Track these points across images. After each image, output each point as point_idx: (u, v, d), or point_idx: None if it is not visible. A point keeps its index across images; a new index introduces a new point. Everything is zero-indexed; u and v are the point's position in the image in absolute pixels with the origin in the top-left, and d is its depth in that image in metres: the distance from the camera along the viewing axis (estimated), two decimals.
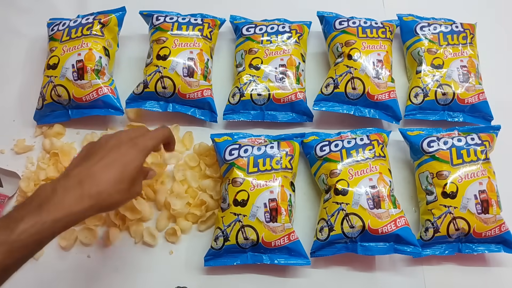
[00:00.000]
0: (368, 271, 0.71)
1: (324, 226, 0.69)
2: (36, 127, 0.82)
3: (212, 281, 0.70)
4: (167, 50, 0.80)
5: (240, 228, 0.68)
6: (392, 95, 0.80)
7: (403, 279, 0.71)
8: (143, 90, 0.80)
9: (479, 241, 0.70)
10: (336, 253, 0.69)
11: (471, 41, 0.85)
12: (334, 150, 0.73)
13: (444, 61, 0.82)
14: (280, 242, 0.68)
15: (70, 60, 0.78)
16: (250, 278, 0.70)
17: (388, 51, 0.83)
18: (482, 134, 0.75)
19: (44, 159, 0.78)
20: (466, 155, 0.72)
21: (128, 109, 0.82)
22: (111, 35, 0.84)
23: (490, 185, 0.70)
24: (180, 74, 0.79)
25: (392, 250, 0.68)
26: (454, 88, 0.80)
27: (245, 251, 0.69)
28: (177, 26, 0.83)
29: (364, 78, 0.79)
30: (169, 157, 0.77)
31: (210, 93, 0.81)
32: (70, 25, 0.83)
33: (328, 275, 0.71)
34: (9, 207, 0.75)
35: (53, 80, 0.78)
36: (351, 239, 0.68)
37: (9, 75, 0.88)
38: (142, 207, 0.73)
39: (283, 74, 0.80)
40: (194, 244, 0.73)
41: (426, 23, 0.86)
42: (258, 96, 0.79)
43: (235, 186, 0.70)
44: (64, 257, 0.71)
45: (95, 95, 0.78)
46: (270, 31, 0.84)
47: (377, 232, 0.67)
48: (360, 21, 0.85)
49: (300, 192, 0.76)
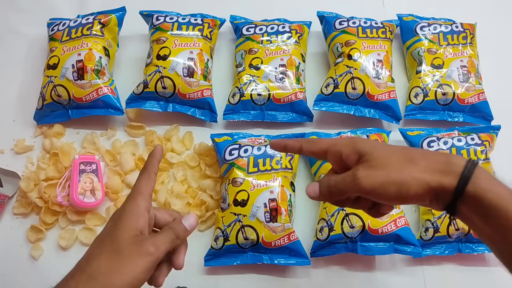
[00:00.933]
0: (368, 271, 0.71)
1: (324, 226, 0.69)
2: (36, 127, 0.82)
3: (212, 281, 0.70)
4: (167, 50, 0.80)
5: (240, 228, 0.68)
6: (392, 95, 0.80)
7: (403, 279, 0.71)
8: (143, 90, 0.80)
9: (479, 241, 0.70)
10: (336, 253, 0.69)
11: (471, 41, 0.85)
12: None
13: (444, 61, 0.82)
14: (280, 242, 0.68)
15: (70, 60, 0.78)
16: (250, 278, 0.70)
17: (388, 51, 0.83)
18: (482, 134, 0.75)
19: (44, 159, 0.78)
20: (466, 155, 0.72)
21: (128, 109, 0.82)
22: (111, 35, 0.84)
23: None
24: (180, 74, 0.79)
25: (392, 250, 0.68)
26: (454, 88, 0.80)
27: (245, 251, 0.69)
28: (177, 26, 0.83)
29: (364, 78, 0.79)
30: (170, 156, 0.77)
31: (210, 93, 0.81)
32: (70, 25, 0.83)
33: (328, 275, 0.71)
34: (9, 207, 0.75)
35: (53, 80, 0.78)
36: (351, 239, 0.68)
37: (9, 75, 0.88)
38: None
39: (283, 74, 0.80)
40: (194, 244, 0.73)
41: (426, 23, 0.86)
42: (258, 96, 0.79)
43: (235, 186, 0.70)
44: (64, 257, 0.71)
45: (95, 95, 0.78)
46: (270, 31, 0.84)
47: (377, 232, 0.67)
48: (360, 21, 0.85)
49: (300, 192, 0.76)
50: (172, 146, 0.79)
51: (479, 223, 0.41)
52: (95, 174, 0.74)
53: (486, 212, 0.40)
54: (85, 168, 0.74)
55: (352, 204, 0.49)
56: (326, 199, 0.48)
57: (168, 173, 0.78)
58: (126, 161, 0.77)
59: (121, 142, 0.80)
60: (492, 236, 0.40)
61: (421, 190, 0.42)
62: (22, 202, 0.75)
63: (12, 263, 0.71)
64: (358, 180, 0.43)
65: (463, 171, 0.41)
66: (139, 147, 0.80)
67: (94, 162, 0.75)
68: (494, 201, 0.39)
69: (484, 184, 0.40)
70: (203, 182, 0.76)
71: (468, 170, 0.41)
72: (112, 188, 0.75)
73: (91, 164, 0.74)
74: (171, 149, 0.79)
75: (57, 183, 0.73)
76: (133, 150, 0.80)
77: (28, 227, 0.73)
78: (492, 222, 0.40)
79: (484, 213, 0.40)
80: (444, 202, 0.42)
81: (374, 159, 0.44)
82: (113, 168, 0.77)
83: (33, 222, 0.73)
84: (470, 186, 0.40)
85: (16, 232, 0.73)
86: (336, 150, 0.47)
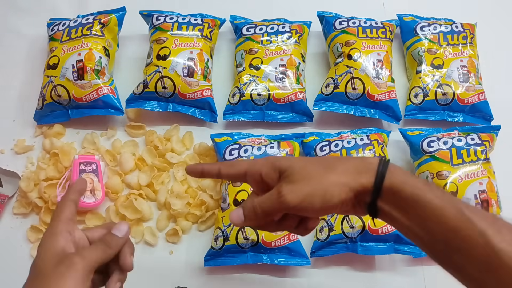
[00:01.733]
0: (368, 271, 0.71)
1: (324, 226, 0.69)
2: (36, 127, 0.82)
3: (212, 281, 0.70)
4: (167, 50, 0.80)
5: (240, 228, 0.68)
6: (392, 95, 0.80)
7: (403, 279, 0.71)
8: (143, 90, 0.80)
9: None
10: (336, 253, 0.69)
11: (471, 41, 0.85)
12: (334, 150, 0.73)
13: (444, 61, 0.82)
14: (280, 242, 0.68)
15: (70, 60, 0.78)
16: (250, 278, 0.70)
17: (388, 51, 0.83)
18: (482, 134, 0.75)
19: (44, 159, 0.78)
20: (466, 155, 0.72)
21: (128, 109, 0.82)
22: (111, 35, 0.84)
23: (490, 185, 0.70)
24: (180, 74, 0.79)
25: (392, 250, 0.68)
26: (454, 88, 0.80)
27: (245, 251, 0.69)
28: (177, 26, 0.83)
29: (364, 78, 0.79)
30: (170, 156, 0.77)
31: (210, 93, 0.81)
32: (70, 25, 0.83)
33: (328, 275, 0.71)
34: (9, 207, 0.75)
35: (53, 80, 0.78)
36: (351, 239, 0.68)
37: (9, 75, 0.88)
38: (142, 207, 0.73)
39: (283, 74, 0.80)
40: (194, 244, 0.73)
41: (426, 23, 0.86)
42: (258, 96, 0.79)
43: (235, 186, 0.70)
44: None
45: (95, 95, 0.78)
46: (270, 31, 0.84)
47: (377, 232, 0.67)
48: (360, 21, 0.85)
49: None
50: (172, 146, 0.79)
51: (400, 218, 0.42)
52: (95, 174, 0.74)
53: (404, 204, 0.41)
54: (85, 168, 0.74)
55: (277, 226, 0.48)
56: (251, 223, 0.47)
57: (168, 173, 0.78)
58: (126, 161, 0.77)
59: (121, 142, 0.80)
60: (413, 229, 0.41)
61: (343, 194, 0.42)
62: (22, 202, 0.75)
63: (12, 263, 0.71)
64: (283, 197, 0.43)
65: (378, 168, 0.42)
66: (139, 147, 0.80)
67: (94, 162, 0.75)
68: (410, 192, 0.40)
69: (399, 177, 0.41)
70: (203, 182, 0.76)
71: (383, 166, 0.42)
72: (112, 188, 0.75)
73: (91, 164, 0.74)
74: (171, 149, 0.79)
75: (57, 183, 0.73)
76: (133, 150, 0.80)
77: (28, 227, 0.73)
78: (411, 214, 0.41)
79: (402, 206, 0.41)
80: (365, 203, 0.43)
81: (295, 174, 0.44)
82: (113, 168, 0.77)
83: (33, 222, 0.73)
84: (386, 180, 0.41)
85: (16, 232, 0.73)
86: (255, 171, 0.47)
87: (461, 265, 0.39)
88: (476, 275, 0.38)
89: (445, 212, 0.39)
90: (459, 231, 0.38)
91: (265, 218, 0.46)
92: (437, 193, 0.40)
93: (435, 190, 0.40)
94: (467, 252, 0.38)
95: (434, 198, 0.40)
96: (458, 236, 0.38)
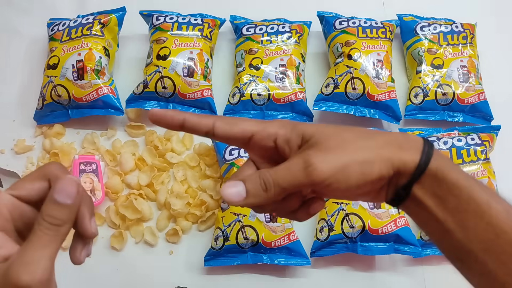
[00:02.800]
0: (368, 271, 0.71)
1: (324, 226, 0.69)
2: (36, 127, 0.82)
3: (212, 281, 0.70)
4: (167, 50, 0.80)
5: (240, 228, 0.68)
6: (392, 95, 0.80)
7: (403, 279, 0.71)
8: (143, 90, 0.80)
9: None
10: (336, 253, 0.69)
11: (471, 41, 0.85)
12: None
13: (444, 61, 0.82)
14: (280, 242, 0.68)
15: (70, 60, 0.78)
16: (250, 278, 0.70)
17: (388, 51, 0.83)
18: (482, 134, 0.75)
19: (44, 159, 0.78)
20: (466, 155, 0.72)
21: (128, 109, 0.82)
22: (111, 35, 0.84)
23: (490, 185, 0.70)
24: (180, 74, 0.79)
25: (392, 250, 0.68)
26: (454, 88, 0.80)
27: (245, 251, 0.69)
28: (177, 26, 0.83)
29: (364, 78, 0.79)
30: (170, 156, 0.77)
31: (210, 93, 0.81)
32: (70, 25, 0.83)
33: (328, 275, 0.71)
34: None
35: (53, 80, 0.78)
36: (351, 239, 0.68)
37: (9, 75, 0.88)
38: (142, 207, 0.73)
39: (283, 74, 0.80)
40: (194, 244, 0.73)
41: (426, 23, 0.86)
42: (258, 96, 0.79)
43: None
44: (64, 257, 0.71)
45: (95, 95, 0.78)
46: (270, 31, 0.84)
47: (377, 232, 0.67)
48: (360, 21, 0.85)
49: None
50: (172, 146, 0.79)
51: (433, 207, 0.36)
52: (95, 174, 0.74)
53: (445, 193, 0.35)
54: (85, 168, 0.74)
55: (277, 206, 0.38)
56: (256, 201, 0.36)
57: (168, 173, 0.78)
58: (126, 161, 0.77)
59: (121, 142, 0.80)
60: (446, 222, 0.35)
61: (385, 170, 0.35)
62: None
63: None
64: (312, 168, 0.34)
65: (423, 147, 0.35)
66: (139, 147, 0.80)
67: (94, 162, 0.75)
68: (456, 181, 0.35)
69: (446, 163, 0.35)
70: (203, 182, 0.76)
71: (429, 146, 0.36)
72: (112, 188, 0.75)
73: (91, 164, 0.74)
74: (171, 149, 0.79)
75: None
76: (133, 150, 0.80)
77: None
78: (450, 204, 0.35)
79: (441, 195, 0.35)
80: (396, 185, 0.36)
81: (325, 141, 0.35)
82: (113, 168, 0.77)
83: None
84: (432, 162, 0.35)
85: None
86: (268, 134, 0.37)
87: (491, 268, 0.35)
88: (505, 279, 0.34)
89: (492, 210, 0.34)
90: (505, 233, 0.34)
91: (278, 196, 0.36)
92: (483, 188, 0.35)
93: (481, 185, 0.36)
94: (509, 255, 0.34)
95: (481, 192, 0.35)
96: (505, 238, 0.34)
